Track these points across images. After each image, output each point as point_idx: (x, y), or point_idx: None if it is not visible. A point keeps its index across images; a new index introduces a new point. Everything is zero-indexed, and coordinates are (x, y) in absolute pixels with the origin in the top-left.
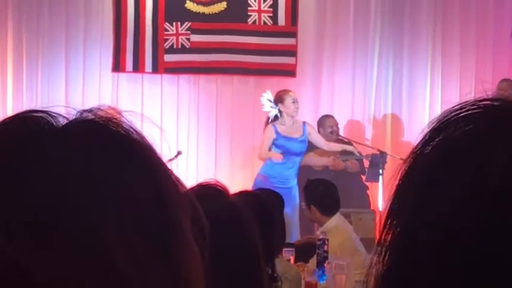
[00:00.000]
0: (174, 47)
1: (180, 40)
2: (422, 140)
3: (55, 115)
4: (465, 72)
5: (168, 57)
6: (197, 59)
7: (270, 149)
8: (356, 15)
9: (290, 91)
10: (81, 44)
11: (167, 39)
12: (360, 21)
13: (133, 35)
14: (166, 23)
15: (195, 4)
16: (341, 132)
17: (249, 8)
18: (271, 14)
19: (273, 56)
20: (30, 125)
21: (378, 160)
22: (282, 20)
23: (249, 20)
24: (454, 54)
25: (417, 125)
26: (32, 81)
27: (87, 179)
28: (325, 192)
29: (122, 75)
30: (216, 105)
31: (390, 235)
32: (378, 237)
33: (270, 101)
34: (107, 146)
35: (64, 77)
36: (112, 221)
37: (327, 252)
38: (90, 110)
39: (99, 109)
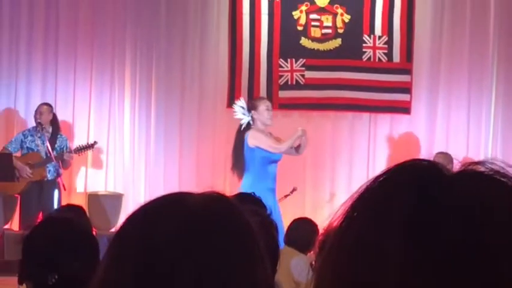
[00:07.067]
0: (289, 83)
1: (294, 76)
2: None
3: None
4: None
5: (283, 94)
6: (311, 95)
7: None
8: (471, 53)
9: (265, 98)
10: (197, 79)
11: (282, 76)
12: (475, 60)
13: (248, 71)
14: (281, 60)
15: (310, 41)
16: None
17: (364, 45)
18: (386, 51)
19: (388, 93)
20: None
21: None
22: (396, 57)
23: (363, 57)
24: None
25: None
26: (148, 114)
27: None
28: None
29: None
30: (329, 141)
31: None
32: None
33: (243, 108)
34: None
35: (178, 112)
36: None
37: None
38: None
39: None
